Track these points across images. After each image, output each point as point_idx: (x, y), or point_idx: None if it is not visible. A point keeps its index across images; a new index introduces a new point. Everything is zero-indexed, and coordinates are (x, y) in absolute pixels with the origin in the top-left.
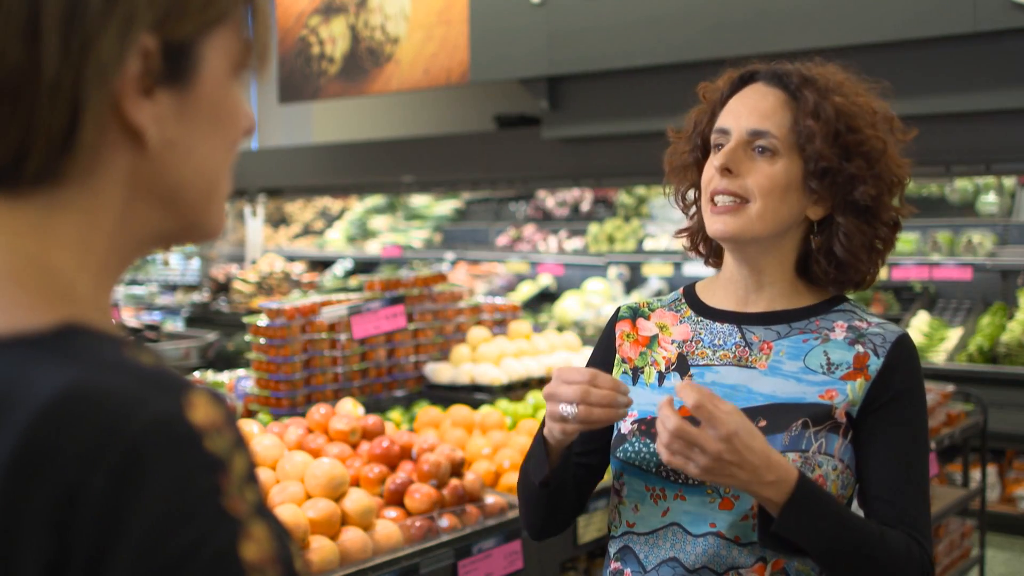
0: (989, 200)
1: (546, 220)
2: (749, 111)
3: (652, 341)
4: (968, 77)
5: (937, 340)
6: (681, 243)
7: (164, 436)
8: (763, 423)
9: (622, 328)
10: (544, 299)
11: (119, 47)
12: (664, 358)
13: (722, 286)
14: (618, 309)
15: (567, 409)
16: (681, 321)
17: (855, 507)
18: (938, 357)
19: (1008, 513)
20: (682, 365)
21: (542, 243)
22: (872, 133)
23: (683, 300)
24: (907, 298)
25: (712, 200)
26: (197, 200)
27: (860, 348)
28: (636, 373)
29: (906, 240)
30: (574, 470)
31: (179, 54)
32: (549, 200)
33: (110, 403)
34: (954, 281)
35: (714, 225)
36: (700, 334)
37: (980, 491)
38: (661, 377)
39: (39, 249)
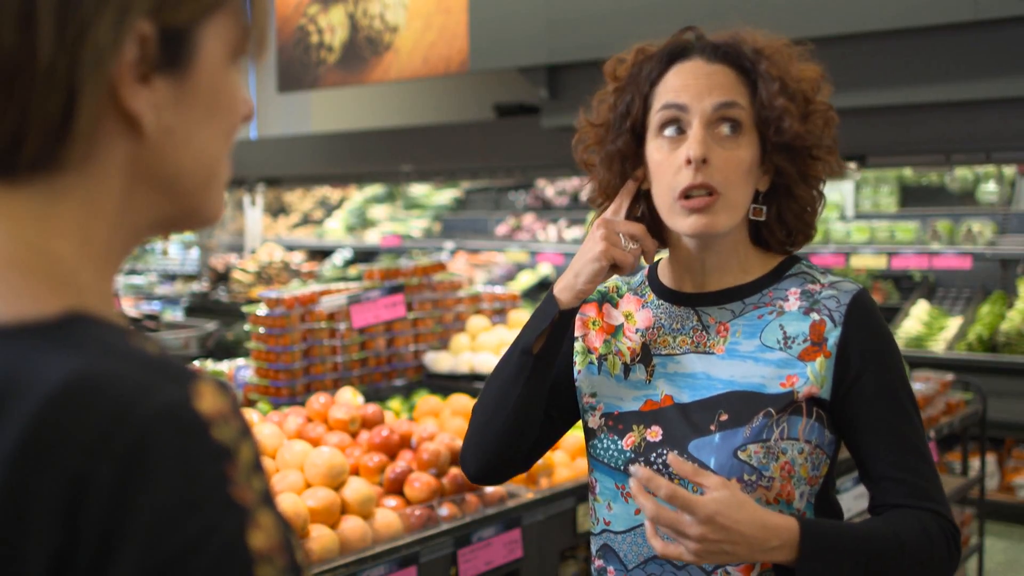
0: (989, 189)
1: (546, 209)
2: (708, 87)
3: (617, 330)
4: (969, 65)
5: (936, 329)
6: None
7: (171, 425)
8: (724, 417)
9: (587, 313)
10: (544, 288)
11: (115, 33)
12: (629, 348)
13: (678, 264)
14: None
15: (629, 245)
16: (644, 306)
17: (854, 496)
18: (937, 346)
19: (1007, 501)
20: (646, 355)
21: (541, 232)
22: (821, 100)
23: (647, 283)
24: (907, 287)
25: (683, 196)
26: (196, 186)
27: (816, 316)
28: (600, 362)
29: (906, 229)
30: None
31: (176, 40)
32: (548, 189)
33: (117, 391)
34: (954, 270)
35: (687, 222)
36: (661, 319)
37: (979, 480)
38: (627, 369)
39: (40, 237)
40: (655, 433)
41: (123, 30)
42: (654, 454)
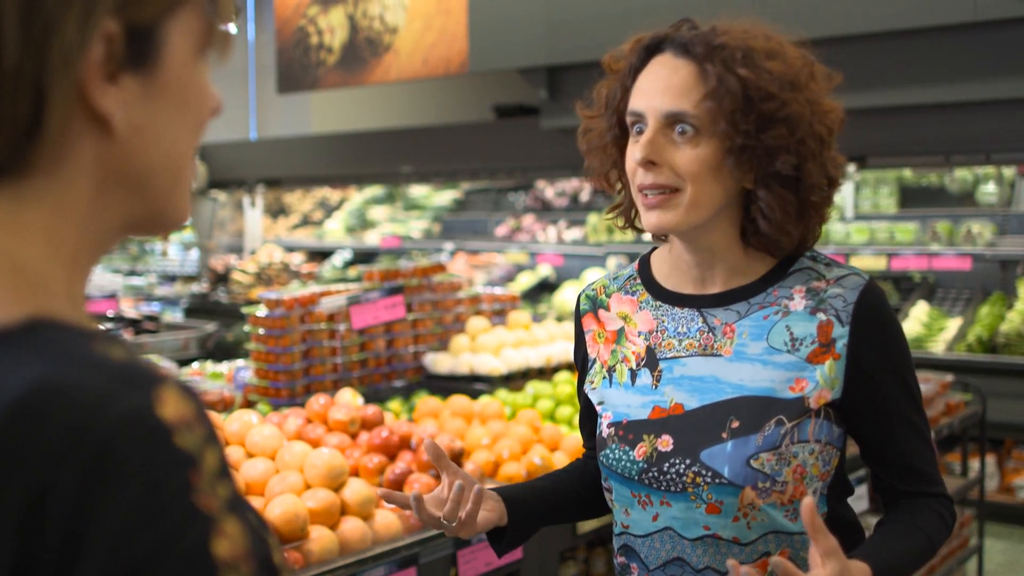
0: (989, 190)
1: (545, 210)
2: (662, 91)
3: (620, 336)
4: (968, 66)
5: (936, 330)
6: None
7: (133, 433)
8: (736, 424)
9: (590, 327)
10: (543, 289)
11: (81, 32)
12: (634, 353)
13: (676, 265)
14: (578, 301)
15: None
16: (641, 307)
17: (853, 499)
18: (937, 347)
19: (1007, 502)
20: (651, 359)
21: (541, 233)
22: (791, 96)
23: (638, 279)
24: (906, 288)
25: (641, 192)
26: (165, 186)
27: (822, 316)
28: (610, 372)
29: (905, 230)
30: (578, 478)
31: (142, 38)
32: (548, 190)
33: (78, 399)
34: (953, 271)
35: (649, 220)
36: (663, 322)
37: (979, 481)
38: (633, 375)
39: (8, 242)
40: (666, 443)
41: (89, 29)
42: (667, 464)
